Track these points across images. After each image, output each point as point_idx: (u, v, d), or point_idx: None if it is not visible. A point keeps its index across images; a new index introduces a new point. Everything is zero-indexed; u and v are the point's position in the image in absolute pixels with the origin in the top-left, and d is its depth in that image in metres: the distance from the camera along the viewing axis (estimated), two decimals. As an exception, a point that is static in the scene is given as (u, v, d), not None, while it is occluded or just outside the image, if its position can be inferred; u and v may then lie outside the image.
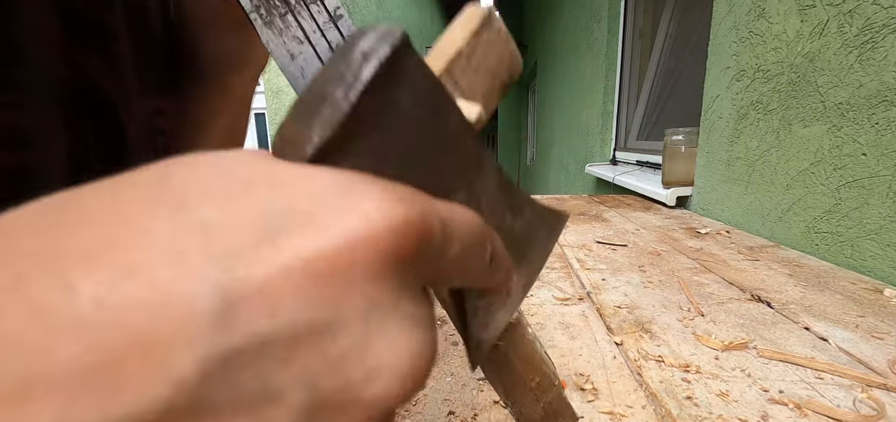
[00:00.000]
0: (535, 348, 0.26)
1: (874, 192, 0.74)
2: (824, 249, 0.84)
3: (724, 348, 0.49)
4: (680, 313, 0.59)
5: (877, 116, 0.74)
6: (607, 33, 2.38)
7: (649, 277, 0.73)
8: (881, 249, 0.72)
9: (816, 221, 0.86)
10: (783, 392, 0.41)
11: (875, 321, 0.55)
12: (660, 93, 2.08)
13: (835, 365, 0.45)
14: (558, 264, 0.82)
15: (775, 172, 0.99)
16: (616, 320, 0.57)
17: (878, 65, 0.73)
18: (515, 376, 0.25)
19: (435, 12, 7.58)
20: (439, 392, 0.42)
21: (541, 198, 1.62)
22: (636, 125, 2.29)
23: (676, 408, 0.39)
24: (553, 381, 0.26)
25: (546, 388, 0.26)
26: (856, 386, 0.42)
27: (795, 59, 0.92)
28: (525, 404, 0.25)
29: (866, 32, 0.75)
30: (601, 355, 0.48)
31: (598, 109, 2.54)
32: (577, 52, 3.13)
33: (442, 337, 0.53)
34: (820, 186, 0.86)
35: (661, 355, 0.48)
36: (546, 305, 0.63)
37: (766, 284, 0.69)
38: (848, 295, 0.64)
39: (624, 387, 0.42)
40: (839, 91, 0.81)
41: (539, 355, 0.25)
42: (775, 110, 0.99)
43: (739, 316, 0.57)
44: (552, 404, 0.27)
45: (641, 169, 1.95)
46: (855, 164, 0.78)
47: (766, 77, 1.02)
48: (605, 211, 1.35)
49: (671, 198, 1.37)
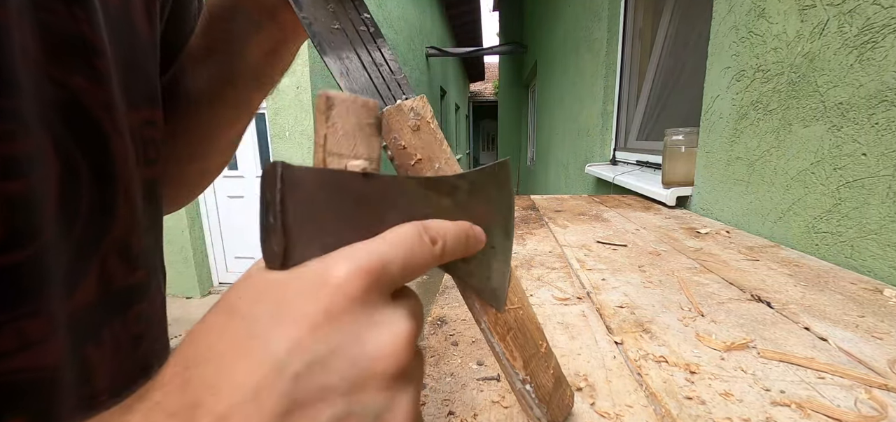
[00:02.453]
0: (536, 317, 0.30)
1: (874, 192, 0.74)
2: (824, 249, 0.84)
3: (725, 348, 0.49)
4: (680, 313, 0.59)
5: (877, 116, 0.74)
6: (607, 33, 2.38)
7: (649, 277, 0.73)
8: (881, 249, 0.72)
9: (816, 221, 0.86)
10: (784, 392, 0.41)
11: (875, 321, 0.55)
12: (660, 93, 2.08)
13: (835, 365, 0.45)
14: (558, 264, 0.82)
15: (775, 172, 0.99)
16: (616, 320, 0.57)
17: (878, 65, 0.73)
18: (531, 343, 0.28)
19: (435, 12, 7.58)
20: (439, 392, 0.42)
21: (544, 196, 1.62)
22: (636, 125, 2.29)
23: (676, 408, 0.39)
24: (551, 349, 0.30)
25: (550, 353, 0.30)
26: (856, 386, 0.42)
27: (795, 59, 0.92)
28: (539, 372, 0.28)
29: (866, 32, 0.75)
30: (601, 355, 0.48)
31: (598, 109, 2.54)
32: (577, 52, 3.13)
33: (442, 337, 0.53)
34: (820, 186, 0.86)
35: (661, 355, 0.48)
36: (546, 304, 0.63)
37: (766, 284, 0.68)
38: (848, 295, 0.64)
39: (624, 387, 0.42)
40: (839, 91, 0.81)
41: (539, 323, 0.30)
42: (775, 110, 0.99)
43: (739, 316, 0.57)
44: (557, 370, 0.31)
45: (641, 169, 1.95)
46: (855, 164, 0.78)
47: (766, 77, 1.02)
48: (605, 211, 1.35)
49: (671, 198, 1.37)
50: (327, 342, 0.14)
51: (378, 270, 0.16)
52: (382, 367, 0.15)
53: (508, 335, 0.26)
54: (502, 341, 0.26)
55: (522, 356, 0.27)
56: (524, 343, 0.27)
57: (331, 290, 0.15)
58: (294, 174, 0.15)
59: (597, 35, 2.58)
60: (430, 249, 0.18)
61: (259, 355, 0.14)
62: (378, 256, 0.16)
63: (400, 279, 0.17)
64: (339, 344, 0.14)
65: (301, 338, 0.14)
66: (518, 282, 0.28)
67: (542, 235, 1.06)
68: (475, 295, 0.25)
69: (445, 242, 0.19)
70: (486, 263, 0.24)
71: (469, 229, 0.21)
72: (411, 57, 5.67)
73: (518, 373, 0.27)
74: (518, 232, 1.10)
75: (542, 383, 0.28)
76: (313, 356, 0.14)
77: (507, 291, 0.26)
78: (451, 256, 0.20)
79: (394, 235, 0.17)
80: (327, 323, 0.14)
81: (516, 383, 0.27)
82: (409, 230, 0.18)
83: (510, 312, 0.27)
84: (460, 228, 0.20)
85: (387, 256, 0.16)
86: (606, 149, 2.52)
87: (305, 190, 0.16)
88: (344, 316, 0.15)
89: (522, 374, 0.27)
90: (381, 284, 0.16)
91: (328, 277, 0.15)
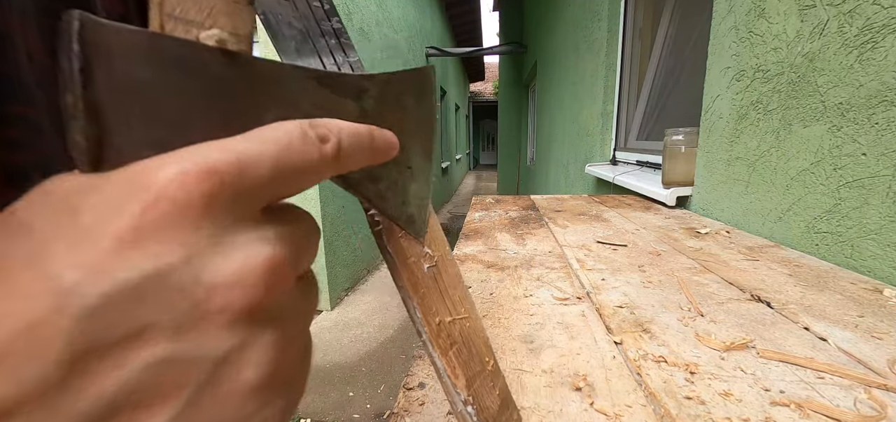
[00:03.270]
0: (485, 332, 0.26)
1: (874, 192, 0.74)
2: (824, 249, 0.84)
3: (724, 348, 0.49)
4: (680, 313, 0.59)
5: (877, 116, 0.74)
6: (607, 33, 2.38)
7: (649, 277, 0.73)
8: (881, 249, 0.72)
9: (816, 221, 0.86)
10: (784, 392, 0.41)
11: (875, 321, 0.55)
12: (660, 93, 2.08)
13: (835, 365, 0.45)
14: (558, 264, 0.82)
15: (775, 172, 0.99)
16: (616, 320, 0.57)
17: (878, 65, 0.73)
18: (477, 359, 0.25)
19: (435, 12, 7.58)
20: (439, 392, 0.42)
21: (544, 196, 1.62)
22: (636, 125, 2.29)
23: (676, 408, 0.39)
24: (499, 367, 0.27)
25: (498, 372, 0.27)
26: (856, 386, 0.42)
27: (795, 59, 0.92)
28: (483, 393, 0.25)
29: (866, 32, 0.75)
30: (600, 355, 0.48)
31: (598, 109, 2.54)
32: (577, 52, 3.13)
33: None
34: (820, 186, 0.86)
35: (661, 354, 0.48)
36: (545, 304, 0.63)
37: (765, 284, 0.68)
38: (848, 295, 0.64)
39: (623, 387, 0.42)
40: (839, 91, 0.81)
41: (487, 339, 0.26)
42: (775, 110, 0.99)
43: (739, 316, 0.57)
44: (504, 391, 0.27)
45: (641, 169, 1.95)
46: (855, 164, 0.78)
47: (766, 77, 1.02)
48: (605, 211, 1.35)
49: (671, 198, 1.37)
50: (139, 266, 0.11)
51: (229, 172, 0.12)
52: (225, 300, 0.12)
53: (451, 350, 0.23)
54: (444, 357, 0.23)
55: (465, 375, 0.24)
56: (469, 359, 0.24)
57: (150, 196, 0.11)
58: (101, 34, 0.11)
59: (597, 35, 2.58)
60: (319, 147, 0.14)
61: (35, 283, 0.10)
62: (231, 155, 0.12)
63: (272, 187, 0.13)
64: (161, 268, 0.11)
65: (99, 261, 0.10)
66: (466, 292, 0.25)
67: (541, 235, 1.06)
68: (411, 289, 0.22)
69: (340, 140, 0.15)
70: (401, 187, 0.20)
71: (375, 131, 0.17)
72: (411, 57, 5.67)
73: (460, 393, 0.23)
74: (518, 232, 1.10)
75: (486, 406, 0.25)
76: (116, 285, 0.10)
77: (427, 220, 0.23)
78: (351, 162, 0.16)
79: (263, 130, 0.13)
80: (142, 240, 0.11)
81: (458, 405, 0.24)
82: (287, 126, 0.14)
83: (455, 324, 0.24)
84: (362, 127, 0.16)
85: (246, 155, 0.12)
86: (606, 149, 2.52)
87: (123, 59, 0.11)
88: (169, 232, 0.11)
89: (464, 394, 0.23)
90: (236, 193, 0.12)
91: (149, 180, 0.11)
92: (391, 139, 0.17)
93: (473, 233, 1.10)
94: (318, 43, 0.22)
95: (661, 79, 2.07)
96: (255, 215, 0.13)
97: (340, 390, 2.20)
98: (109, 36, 0.11)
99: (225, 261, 0.12)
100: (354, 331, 2.80)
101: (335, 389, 2.21)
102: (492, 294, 0.68)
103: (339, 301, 3.24)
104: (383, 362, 2.44)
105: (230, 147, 0.12)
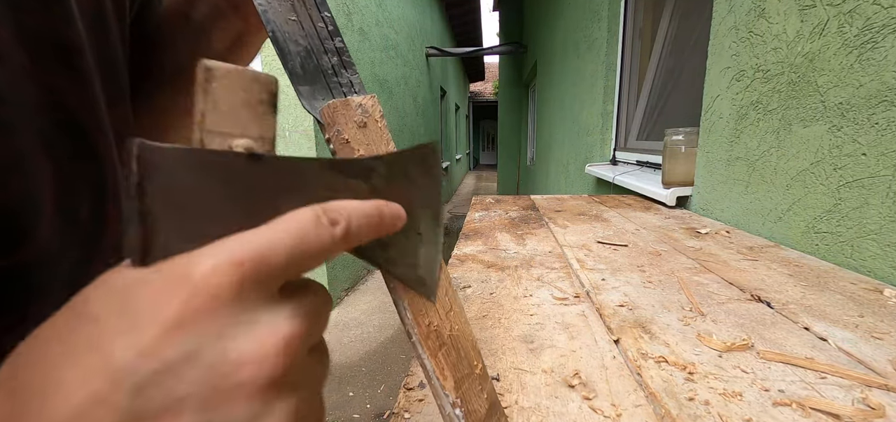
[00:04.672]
0: (473, 336, 0.27)
1: (874, 192, 0.74)
2: (824, 249, 0.84)
3: (725, 348, 0.49)
4: (680, 313, 0.59)
5: (877, 116, 0.74)
6: (607, 33, 2.38)
7: (649, 277, 0.73)
8: (881, 249, 0.72)
9: (816, 221, 0.86)
10: (784, 392, 0.41)
11: (875, 321, 0.55)
12: (660, 93, 2.08)
13: (835, 365, 0.45)
14: (558, 264, 0.82)
15: (775, 172, 0.99)
16: (616, 320, 0.57)
17: (878, 65, 0.73)
18: (465, 362, 0.26)
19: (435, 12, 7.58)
20: (439, 392, 0.42)
21: (544, 196, 1.62)
22: (636, 125, 2.29)
23: (676, 408, 0.39)
24: (487, 370, 0.28)
25: (486, 376, 0.27)
26: (856, 386, 0.42)
27: (795, 59, 0.92)
28: (471, 396, 0.26)
29: (866, 32, 0.75)
30: (600, 355, 0.48)
31: (598, 109, 2.54)
32: (577, 52, 3.13)
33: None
34: (820, 186, 0.86)
35: (661, 354, 0.48)
36: (545, 305, 0.63)
37: (765, 284, 0.68)
38: (848, 295, 0.64)
39: (623, 387, 0.42)
40: (839, 91, 0.81)
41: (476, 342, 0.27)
42: (775, 110, 0.99)
43: (739, 316, 0.57)
44: (492, 394, 0.28)
45: (641, 169, 1.95)
46: (855, 164, 0.78)
47: (766, 77, 1.02)
48: (605, 211, 1.35)
49: (671, 198, 1.37)
50: (181, 348, 0.13)
51: (253, 260, 0.14)
52: (248, 374, 0.13)
53: (440, 351, 0.24)
54: (433, 358, 0.23)
55: (454, 376, 0.24)
56: (457, 362, 0.25)
57: (191, 287, 0.13)
58: (153, 154, 0.13)
59: (597, 35, 2.58)
60: (330, 231, 0.16)
61: (97, 363, 0.12)
62: (254, 246, 0.14)
63: (289, 270, 0.15)
64: (195, 349, 0.13)
65: (149, 344, 0.12)
66: (456, 295, 0.26)
67: (542, 235, 1.06)
68: (402, 290, 0.23)
69: (350, 222, 0.17)
70: (411, 250, 0.22)
71: (383, 206, 0.18)
72: (411, 57, 5.67)
73: (448, 395, 0.24)
74: (518, 232, 1.10)
75: (474, 409, 0.25)
76: (162, 364, 0.12)
77: (438, 281, 0.24)
78: (361, 237, 0.17)
79: (281, 220, 0.15)
80: (183, 326, 0.13)
81: (446, 407, 0.24)
82: (303, 213, 0.16)
83: (445, 326, 0.24)
84: (370, 205, 0.18)
85: (267, 244, 0.14)
86: (606, 149, 2.52)
87: (169, 173, 0.14)
88: (205, 317, 0.13)
89: (453, 396, 0.24)
90: (259, 278, 0.14)
91: (189, 273, 0.13)
92: (398, 212, 0.19)
93: (473, 233, 1.10)
94: (321, 60, 0.24)
95: (661, 79, 2.07)
96: (273, 295, 0.15)
97: (340, 390, 2.20)
98: (159, 153, 0.13)
99: (247, 339, 0.14)
100: (354, 331, 2.80)
101: (335, 389, 2.21)
102: (492, 294, 0.68)
103: (339, 301, 3.24)
104: (383, 362, 2.44)
105: (253, 240, 0.14)
